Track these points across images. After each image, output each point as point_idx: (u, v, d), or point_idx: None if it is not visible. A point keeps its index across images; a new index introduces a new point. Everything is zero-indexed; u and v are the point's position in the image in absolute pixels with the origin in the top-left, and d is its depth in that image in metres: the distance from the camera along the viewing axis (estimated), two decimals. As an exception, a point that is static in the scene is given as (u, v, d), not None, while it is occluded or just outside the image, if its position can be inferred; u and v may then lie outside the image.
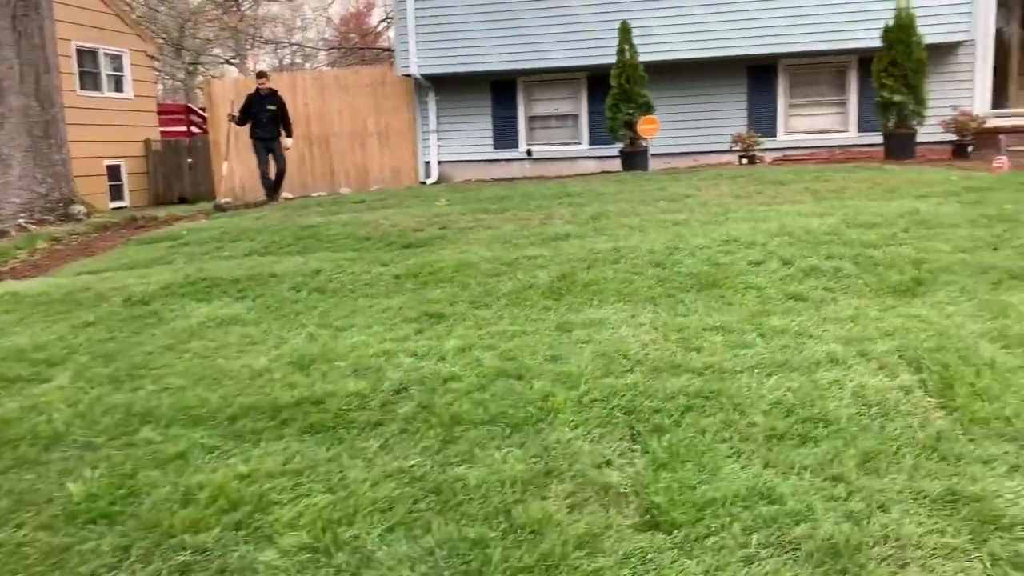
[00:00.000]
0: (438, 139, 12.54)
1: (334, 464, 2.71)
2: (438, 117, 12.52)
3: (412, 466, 2.67)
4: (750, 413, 2.87)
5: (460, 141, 12.52)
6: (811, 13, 10.63)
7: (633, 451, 2.70)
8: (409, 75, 12.08)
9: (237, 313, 4.54)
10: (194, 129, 18.85)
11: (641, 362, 3.36)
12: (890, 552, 2.09)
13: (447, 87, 12.36)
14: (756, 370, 3.21)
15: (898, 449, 2.57)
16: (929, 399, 2.90)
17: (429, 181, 12.40)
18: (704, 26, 10.90)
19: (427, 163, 12.64)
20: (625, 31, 10.05)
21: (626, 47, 10.03)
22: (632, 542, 2.21)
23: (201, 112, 18.11)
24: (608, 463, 2.62)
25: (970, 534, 2.13)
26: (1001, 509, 2.21)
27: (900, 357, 3.24)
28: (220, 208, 10.50)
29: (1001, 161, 7.44)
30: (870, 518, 2.22)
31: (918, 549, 2.09)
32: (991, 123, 10.12)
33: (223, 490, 2.56)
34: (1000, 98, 11.69)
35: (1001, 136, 8.77)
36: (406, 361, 3.57)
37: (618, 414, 2.94)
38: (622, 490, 2.46)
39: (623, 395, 3.07)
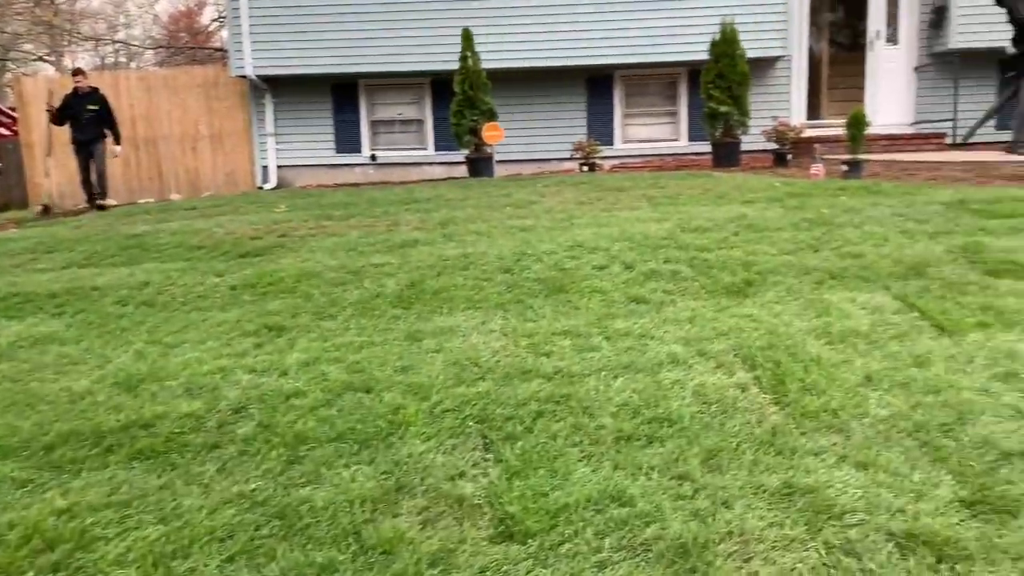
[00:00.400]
0: (276, 143, 12.11)
1: (166, 492, 2.51)
2: (276, 120, 12.09)
3: (253, 490, 2.51)
4: (599, 416, 2.91)
5: (300, 145, 12.14)
6: (644, 26, 11.08)
7: (486, 460, 2.66)
8: (244, 76, 11.59)
9: (54, 331, 4.16)
10: (2, 131, 17.28)
11: (492, 369, 3.34)
12: (735, 548, 2.15)
13: (285, 89, 11.96)
14: (603, 373, 3.26)
15: (738, 445, 2.67)
16: (764, 395, 3.04)
17: (267, 186, 11.95)
18: (545, 36, 11.12)
19: (265, 168, 12.17)
20: (467, 38, 10.08)
21: (468, 54, 10.07)
22: (487, 555, 2.17)
23: (10, 112, 16.61)
24: (461, 475, 2.57)
25: (806, 524, 2.24)
26: (832, 499, 2.33)
27: (736, 356, 3.39)
28: (46, 211, 9.71)
29: (817, 168, 8.02)
30: (715, 515, 2.29)
31: (760, 543, 2.17)
32: (807, 133, 10.91)
33: (38, 528, 2.31)
34: (814, 110, 12.64)
35: (816, 145, 9.45)
36: (244, 378, 3.37)
37: (471, 423, 2.90)
38: (476, 502, 2.41)
39: (475, 404, 3.03)
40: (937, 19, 11.65)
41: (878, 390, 3.02)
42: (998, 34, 11.16)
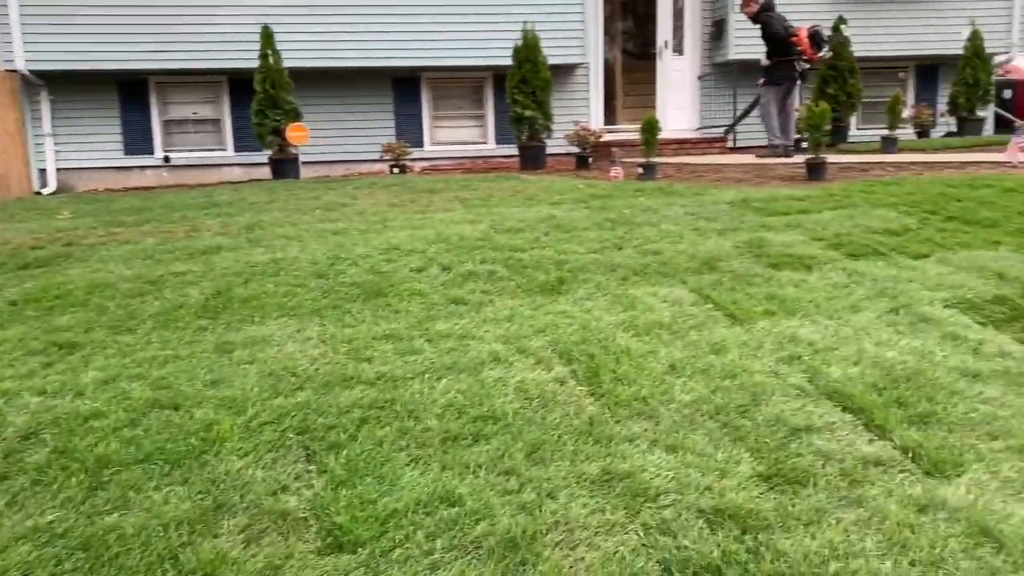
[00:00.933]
0: (55, 144, 11.10)
1: (-56, 535, 2.24)
2: (54, 119, 11.07)
3: (51, 522, 2.30)
4: (425, 418, 2.91)
5: (83, 146, 11.19)
6: (450, 30, 11.18)
7: (310, 472, 2.59)
8: (15, 71, 10.52)
9: None
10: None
11: (312, 378, 3.25)
12: (561, 537, 2.23)
13: (64, 86, 10.98)
14: (427, 375, 3.27)
15: (559, 437, 2.77)
16: (581, 388, 3.17)
17: (46, 191, 10.92)
18: (350, 36, 10.94)
19: (42, 171, 11.11)
20: (267, 36, 9.73)
21: (269, 52, 9.72)
22: (316, 568, 2.11)
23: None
24: (284, 489, 2.48)
25: (625, 508, 2.35)
26: (647, 482, 2.47)
27: (553, 351, 3.51)
28: None
29: (616, 171, 8.45)
30: (541, 507, 2.36)
31: (584, 529, 2.26)
32: (606, 137, 11.45)
33: None
34: (611, 115, 13.30)
35: (614, 149, 9.96)
36: (33, 401, 3.08)
37: (291, 435, 2.81)
38: (301, 515, 2.34)
39: (295, 415, 2.94)
40: (717, 32, 12.63)
41: (682, 377, 3.24)
42: (769, 48, 12.25)
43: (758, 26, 10.26)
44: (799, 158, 8.84)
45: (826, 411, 2.94)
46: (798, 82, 10.21)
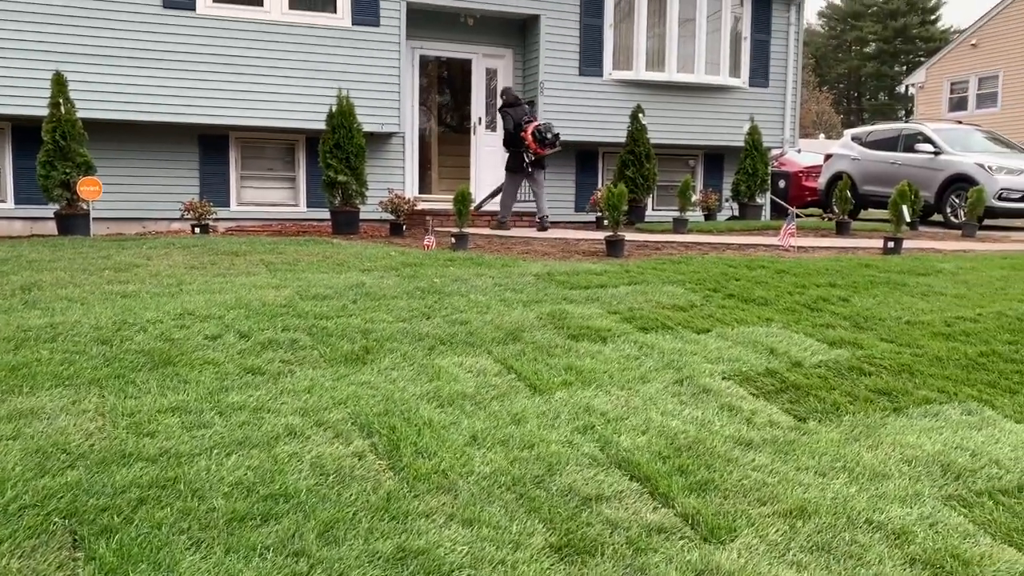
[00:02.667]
0: None
1: None
2: None
3: None
4: (210, 497, 2.74)
5: None
6: (262, 90, 10.98)
7: (76, 561, 2.36)
8: None
9: None
10: None
11: (85, 455, 2.99)
12: (351, 619, 2.16)
13: None
14: (215, 451, 3.10)
15: (355, 514, 2.70)
16: (380, 461, 3.12)
17: None
18: (155, 89, 10.47)
19: None
20: (60, 83, 9.10)
21: (61, 100, 9.08)
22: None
23: None
24: (43, 581, 2.25)
25: (419, 586, 2.32)
26: (442, 558, 2.46)
27: (353, 424, 3.44)
28: None
29: (430, 240, 8.54)
30: (332, 589, 2.28)
31: (376, 611, 2.20)
32: (421, 206, 11.59)
33: None
34: (427, 185, 13.51)
35: (428, 217, 10.07)
36: None
37: (56, 519, 2.55)
38: (61, 611, 2.12)
39: (62, 496, 2.68)
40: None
41: (482, 448, 3.27)
42: (577, 130, 13.01)
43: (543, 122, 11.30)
44: (599, 234, 9.35)
45: (616, 480, 3.07)
46: (530, 170, 11.19)
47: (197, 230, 9.87)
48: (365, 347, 4.45)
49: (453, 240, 8.51)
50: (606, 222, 8.45)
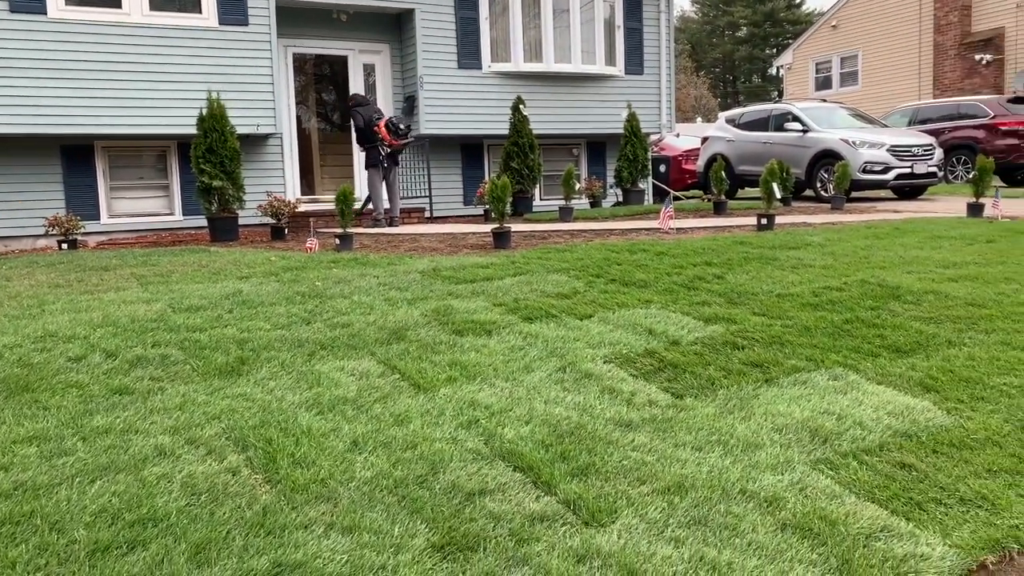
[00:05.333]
0: None
1: None
2: None
3: None
4: (71, 529, 2.59)
5: None
6: (127, 96, 10.49)
7: (-85, 613, 2.18)
8: None
9: None
10: None
11: (-74, 497, 2.77)
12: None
13: None
14: (77, 479, 2.93)
15: (228, 533, 2.60)
16: (256, 476, 3.02)
17: None
18: (7, 100, 9.84)
19: None
20: None
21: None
22: None
23: None
24: None
25: (295, 601, 2.25)
26: (320, 569, 2.40)
27: (228, 439, 3.32)
28: None
29: (312, 242, 8.36)
30: (203, 613, 2.18)
31: (249, 631, 2.12)
32: (303, 208, 11.35)
33: None
34: (309, 186, 13.22)
35: (311, 219, 9.86)
36: None
37: None
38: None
39: (-101, 544, 2.47)
40: (409, 107, 13.13)
41: (364, 453, 3.21)
42: (459, 123, 12.99)
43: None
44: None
45: (499, 472, 3.07)
46: (385, 164, 11.29)
47: (64, 246, 9.36)
48: (241, 358, 4.31)
49: (337, 241, 8.35)
50: (493, 214, 8.46)
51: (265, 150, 11.95)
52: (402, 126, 11.20)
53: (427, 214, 12.56)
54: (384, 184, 11.39)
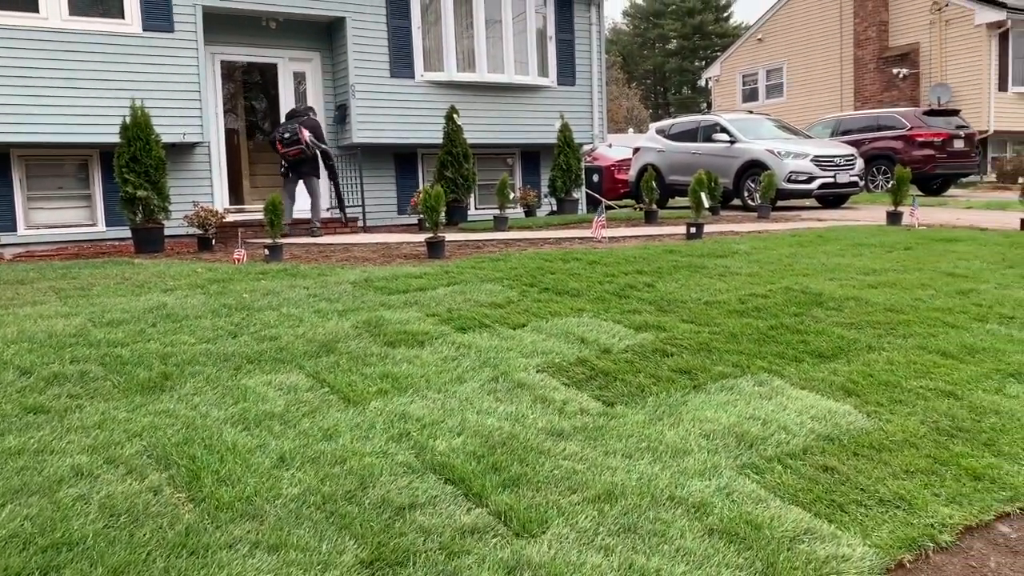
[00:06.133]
0: None
1: None
2: None
3: None
4: (-22, 558, 2.47)
5: None
6: (46, 103, 10.14)
7: None
8: None
9: None
10: None
11: None
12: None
13: None
14: (-15, 505, 2.80)
15: (148, 555, 2.51)
16: (179, 495, 2.93)
17: None
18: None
19: None
20: None
21: None
22: None
23: None
24: None
25: (218, 624, 2.19)
26: (244, 589, 2.34)
27: (149, 457, 3.22)
28: None
29: (240, 253, 8.18)
30: (119, 640, 2.10)
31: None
32: (231, 218, 11.12)
33: None
34: (236, 196, 12.96)
35: (240, 230, 9.66)
36: None
37: None
38: None
39: None
40: (341, 116, 13.00)
41: (291, 469, 3.15)
42: (392, 132, 12.92)
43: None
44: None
45: (431, 486, 3.04)
46: (288, 174, 11.34)
47: (-23, 259, 8.97)
48: (164, 373, 4.18)
49: (266, 252, 8.20)
50: (427, 224, 8.42)
51: (192, 159, 11.68)
52: (287, 134, 10.99)
53: (360, 224, 12.44)
54: (299, 192, 11.40)
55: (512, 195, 12.08)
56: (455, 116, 12.55)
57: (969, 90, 22.87)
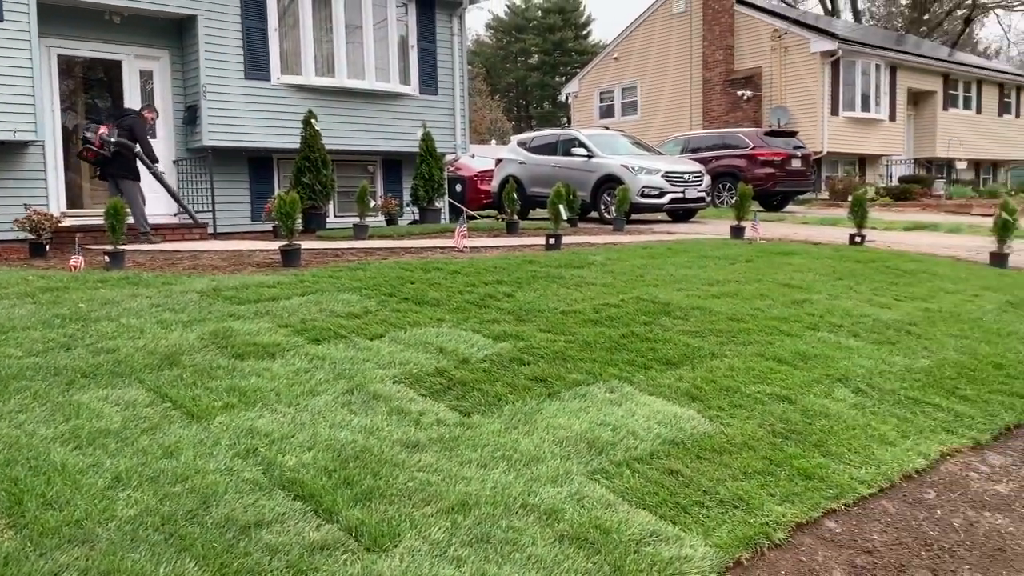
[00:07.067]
0: None
1: None
2: None
3: None
4: None
5: None
6: None
7: None
8: None
9: None
10: None
11: None
12: None
13: None
14: None
15: (-42, 590, 2.30)
16: (-4, 522, 2.70)
17: None
18: None
19: None
20: None
21: None
22: None
23: None
24: None
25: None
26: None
27: (-37, 482, 2.94)
28: None
29: (76, 260, 7.66)
30: None
31: None
32: (69, 222, 10.40)
33: None
34: (76, 199, 12.14)
35: (78, 235, 9.04)
36: None
37: None
38: None
39: None
40: (191, 117, 12.44)
41: (127, 489, 2.96)
42: (246, 136, 12.49)
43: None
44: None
45: (279, 503, 2.94)
46: (104, 178, 10.76)
47: None
48: (-16, 389, 3.85)
49: (107, 259, 7.71)
50: (282, 231, 8.17)
51: (24, 159, 10.85)
52: (87, 133, 10.24)
53: (211, 230, 11.93)
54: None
55: (373, 203, 11.94)
56: (313, 121, 12.24)
57: (805, 113, 24.56)
